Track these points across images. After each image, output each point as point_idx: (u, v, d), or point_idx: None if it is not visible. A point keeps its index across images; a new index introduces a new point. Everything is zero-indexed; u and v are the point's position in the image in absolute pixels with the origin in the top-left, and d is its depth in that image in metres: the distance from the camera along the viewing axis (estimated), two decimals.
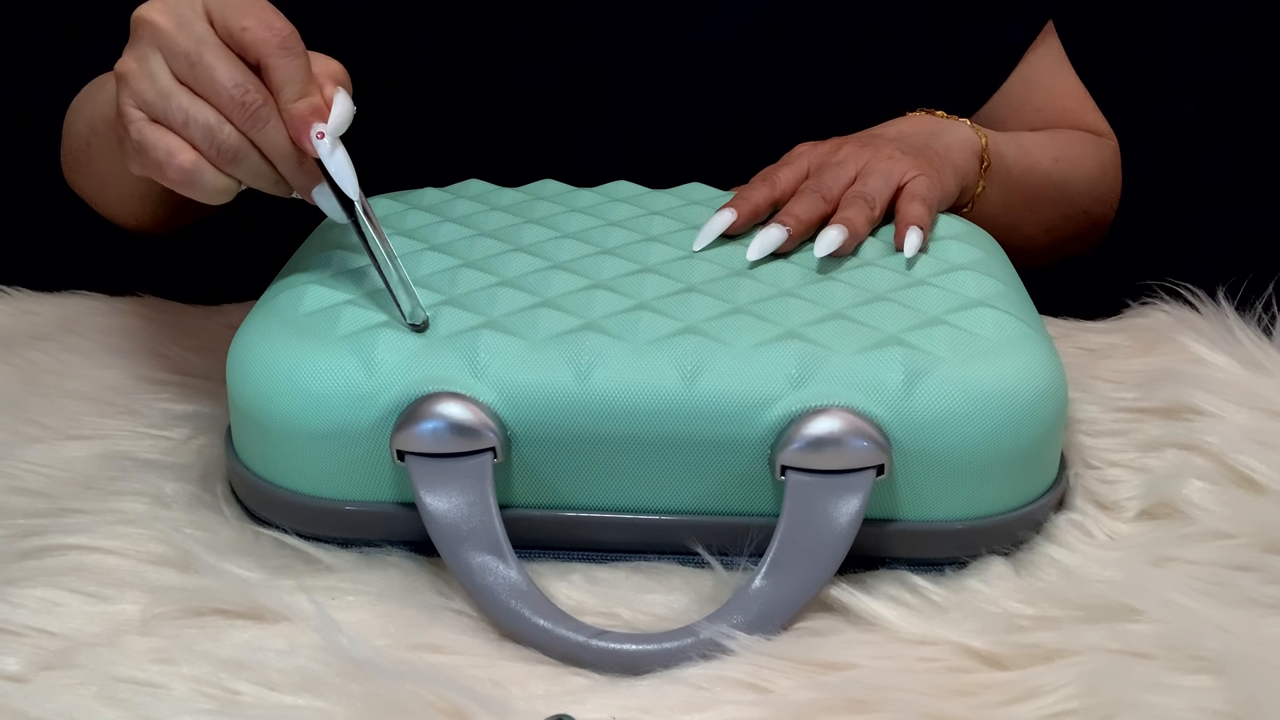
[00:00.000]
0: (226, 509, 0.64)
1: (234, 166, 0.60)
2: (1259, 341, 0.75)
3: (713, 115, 0.88)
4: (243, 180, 0.61)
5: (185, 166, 0.60)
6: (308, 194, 0.62)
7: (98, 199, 0.84)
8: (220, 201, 0.61)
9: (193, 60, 0.59)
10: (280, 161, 0.61)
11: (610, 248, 0.70)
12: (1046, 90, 0.93)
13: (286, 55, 0.60)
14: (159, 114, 0.60)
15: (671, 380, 0.59)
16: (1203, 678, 0.52)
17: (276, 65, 0.60)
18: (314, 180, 0.62)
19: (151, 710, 0.51)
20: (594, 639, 0.54)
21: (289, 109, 0.60)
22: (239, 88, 0.59)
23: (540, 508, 0.60)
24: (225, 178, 0.60)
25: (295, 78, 0.60)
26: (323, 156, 0.60)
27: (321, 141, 0.60)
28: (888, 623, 0.56)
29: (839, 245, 0.69)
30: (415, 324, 0.61)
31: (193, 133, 0.59)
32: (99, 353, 0.79)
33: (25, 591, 0.57)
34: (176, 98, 0.59)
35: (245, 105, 0.59)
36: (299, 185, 0.62)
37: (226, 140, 0.59)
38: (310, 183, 0.62)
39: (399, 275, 0.62)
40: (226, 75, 0.59)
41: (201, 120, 0.59)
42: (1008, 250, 0.75)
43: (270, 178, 0.62)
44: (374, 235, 0.63)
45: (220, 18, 0.60)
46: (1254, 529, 0.62)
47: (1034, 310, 0.67)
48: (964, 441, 0.59)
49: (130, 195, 0.79)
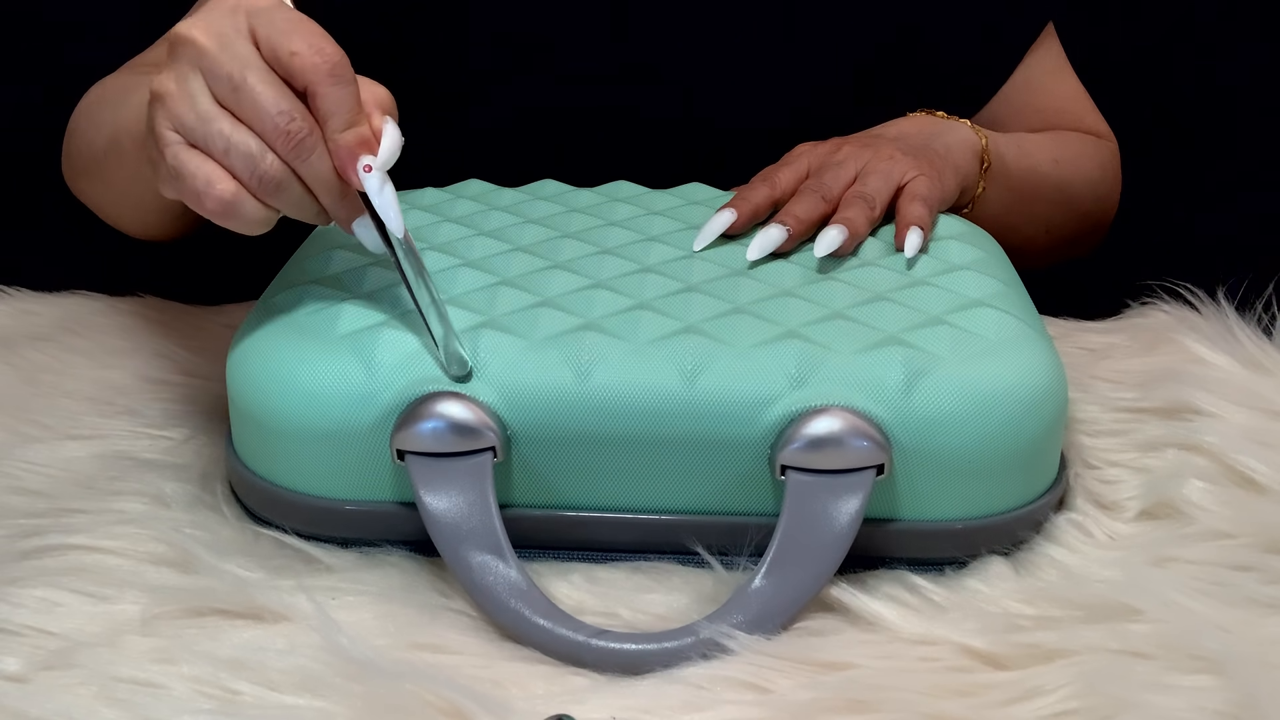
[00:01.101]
0: (226, 509, 0.64)
1: (275, 197, 0.57)
2: (1259, 341, 0.75)
3: (713, 115, 0.88)
4: (282, 210, 0.59)
5: (225, 197, 0.57)
6: (348, 226, 0.60)
7: (108, 208, 0.82)
8: (258, 233, 0.59)
9: (236, 84, 0.56)
10: (323, 193, 0.58)
11: (610, 247, 0.70)
12: (1046, 91, 0.93)
13: (336, 83, 0.57)
14: (198, 139, 0.57)
15: (671, 380, 0.59)
16: (1203, 678, 0.52)
17: (325, 93, 0.57)
18: (356, 213, 0.59)
19: (151, 710, 0.51)
20: (594, 638, 0.54)
21: (336, 139, 0.57)
22: (284, 115, 0.56)
23: (540, 507, 0.60)
24: (265, 209, 0.58)
25: (344, 107, 0.57)
26: (370, 191, 0.58)
27: (369, 175, 0.58)
28: (888, 623, 0.56)
29: (839, 245, 0.69)
30: (457, 376, 0.59)
31: (233, 161, 0.57)
32: (99, 353, 0.79)
33: (25, 591, 0.57)
34: (217, 123, 0.57)
35: (290, 134, 0.56)
36: (340, 217, 0.60)
37: (269, 170, 0.57)
38: (352, 215, 0.60)
39: (440, 319, 0.59)
40: (271, 101, 0.56)
41: (243, 148, 0.56)
42: (1007, 251, 0.75)
43: (312, 209, 0.59)
44: (416, 276, 0.60)
45: (267, 40, 0.57)
46: (1254, 529, 0.62)
47: (1034, 310, 0.67)
48: (964, 441, 0.59)
49: (147, 210, 0.77)
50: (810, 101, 0.88)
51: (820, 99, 0.88)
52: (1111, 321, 0.83)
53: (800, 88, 0.88)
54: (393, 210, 0.58)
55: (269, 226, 0.59)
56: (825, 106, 0.87)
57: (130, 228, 0.83)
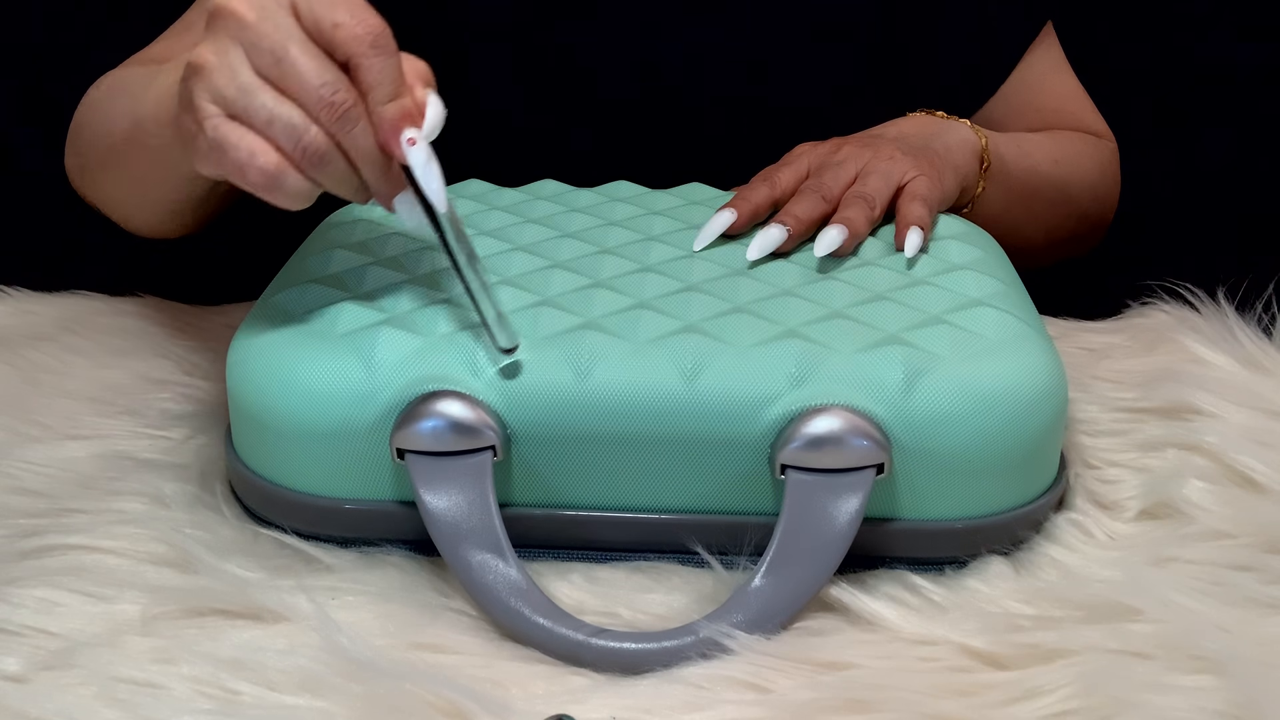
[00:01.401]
0: (226, 509, 0.64)
1: (318, 170, 0.57)
2: (1259, 341, 0.75)
3: (713, 115, 0.88)
4: (324, 185, 0.58)
5: (268, 169, 0.56)
6: (388, 202, 0.59)
7: (120, 203, 0.81)
8: (298, 207, 0.58)
9: (278, 56, 0.55)
10: (366, 166, 0.58)
11: (610, 247, 0.70)
12: (1045, 91, 0.93)
13: (379, 54, 0.56)
14: (239, 111, 0.56)
15: (671, 379, 0.59)
16: (1203, 678, 0.52)
17: (369, 65, 0.56)
18: (397, 187, 0.59)
19: (151, 710, 0.51)
20: (593, 637, 0.54)
21: (379, 111, 0.57)
22: (328, 87, 0.55)
23: (540, 507, 0.60)
24: (308, 182, 0.57)
25: (388, 78, 0.56)
26: (413, 164, 0.57)
27: (414, 148, 0.57)
28: (888, 622, 0.56)
29: (839, 245, 0.69)
30: (506, 349, 0.59)
31: (276, 133, 0.56)
32: (99, 353, 0.79)
33: (25, 591, 0.57)
34: (260, 95, 0.56)
35: (334, 105, 0.56)
36: (381, 193, 0.59)
37: (313, 142, 0.56)
38: (393, 190, 0.59)
39: (487, 295, 0.59)
40: (315, 73, 0.55)
41: (287, 120, 0.56)
42: (1007, 251, 0.75)
43: (353, 183, 0.58)
44: (461, 250, 0.60)
45: (309, 12, 0.56)
46: (1254, 529, 0.62)
47: (1034, 310, 0.67)
48: (964, 441, 0.59)
49: (163, 200, 0.75)
50: (809, 101, 0.88)
51: (820, 98, 0.88)
52: (1111, 321, 0.83)
53: (799, 87, 0.88)
54: (437, 182, 0.58)
55: (310, 201, 0.58)
56: (825, 106, 0.87)
57: (140, 222, 0.81)
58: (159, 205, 0.76)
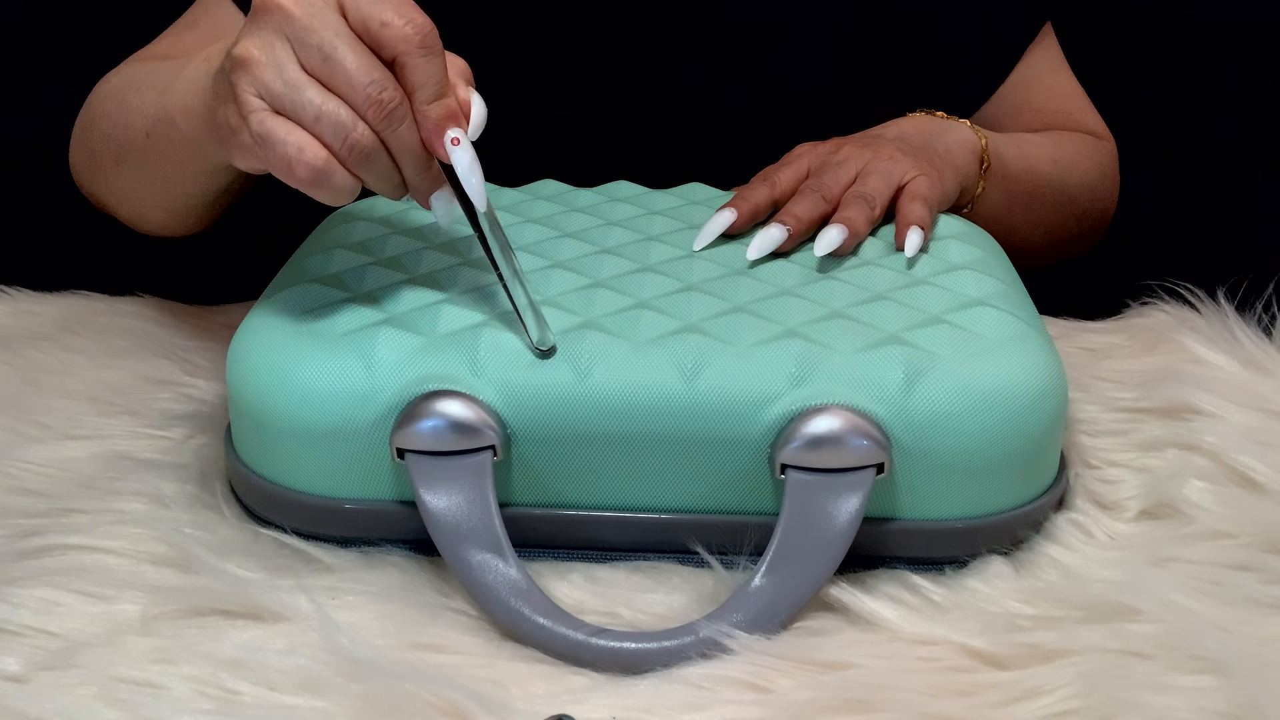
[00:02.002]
0: (226, 509, 0.64)
1: (363, 167, 0.57)
2: (1259, 341, 0.75)
3: (713, 115, 0.88)
4: (367, 182, 0.58)
5: (316, 165, 0.56)
6: (426, 200, 0.60)
7: (133, 200, 0.80)
8: (342, 204, 0.59)
9: (326, 53, 0.56)
10: (408, 164, 0.58)
11: (610, 247, 0.70)
12: (1044, 91, 0.93)
13: (426, 54, 0.57)
14: (285, 106, 0.56)
15: (671, 379, 0.59)
16: (1203, 678, 0.52)
17: (416, 64, 0.57)
18: (436, 185, 0.60)
19: (151, 710, 0.51)
20: (593, 637, 0.54)
21: (424, 110, 0.57)
22: (375, 85, 0.56)
23: (540, 506, 0.60)
24: (353, 179, 0.58)
25: (434, 78, 0.57)
26: (457, 164, 0.58)
27: (458, 147, 0.58)
28: (888, 622, 0.56)
29: (839, 245, 0.69)
30: (542, 349, 0.59)
31: (323, 129, 0.56)
32: (99, 353, 0.79)
33: (25, 591, 0.57)
34: (307, 91, 0.56)
35: (382, 104, 0.56)
36: (420, 189, 0.60)
37: (360, 140, 0.56)
38: (432, 187, 0.60)
39: (525, 294, 0.60)
40: (363, 71, 0.56)
41: (334, 117, 0.56)
42: (1007, 251, 0.75)
43: (394, 180, 0.59)
44: (500, 249, 0.60)
45: (356, 9, 0.57)
46: (1254, 529, 0.62)
47: (1034, 310, 0.67)
48: (964, 441, 0.59)
49: (182, 193, 0.75)
50: (809, 100, 0.88)
51: (819, 98, 0.88)
52: (1111, 321, 0.83)
53: (798, 86, 0.88)
54: (477, 181, 0.58)
55: (353, 198, 0.58)
56: (824, 105, 0.87)
57: (152, 220, 0.80)
58: (176, 200, 0.76)
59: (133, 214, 0.82)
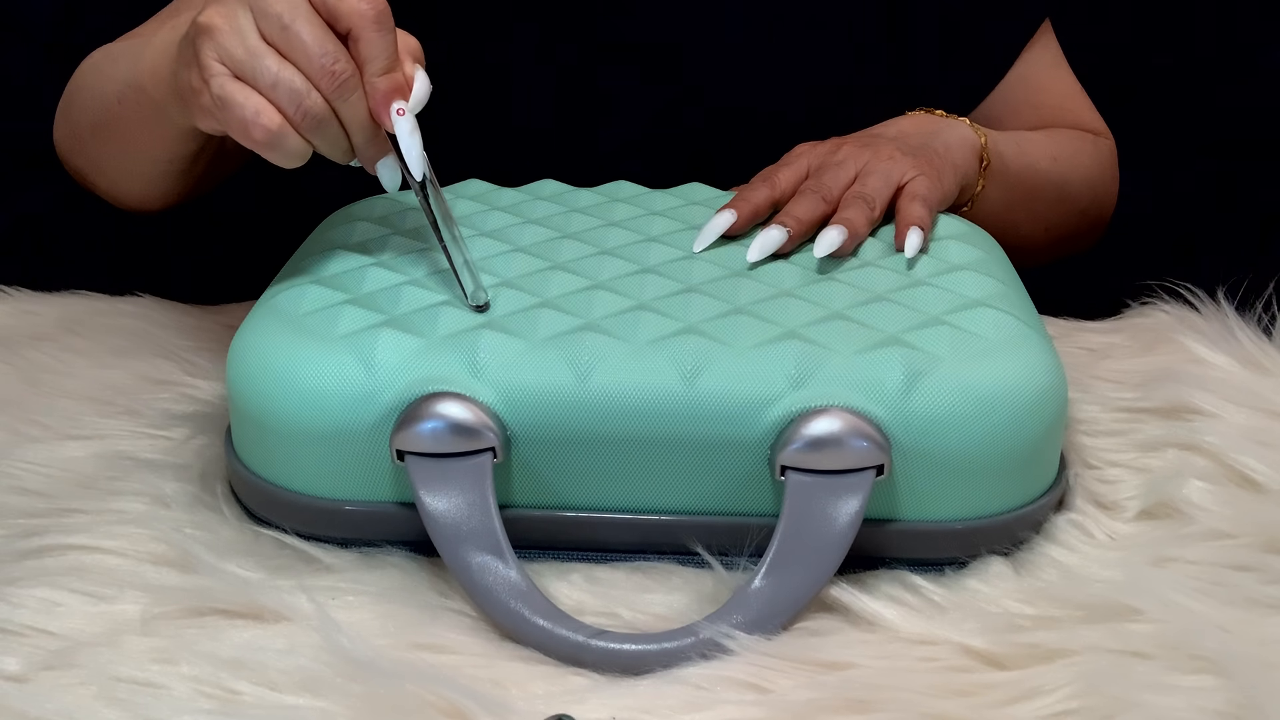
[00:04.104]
0: (226, 509, 0.64)
1: (315, 133, 0.61)
2: (1259, 341, 0.75)
3: (712, 115, 0.88)
4: (318, 147, 0.62)
5: (271, 128, 0.60)
6: (373, 165, 0.63)
7: (108, 170, 0.82)
8: (293, 165, 0.62)
9: (285, 24, 0.59)
10: (356, 132, 0.62)
11: (610, 248, 0.70)
12: (1043, 89, 0.93)
13: (379, 30, 0.60)
14: (245, 72, 0.60)
15: (671, 380, 0.59)
16: (1203, 678, 0.52)
17: (369, 39, 0.60)
18: (382, 152, 0.63)
19: (151, 710, 0.51)
20: (593, 639, 0.54)
21: (373, 83, 0.61)
22: (328, 56, 0.60)
23: (540, 508, 0.60)
24: (304, 143, 0.61)
25: (384, 53, 0.61)
26: (399, 133, 0.62)
27: (401, 118, 0.61)
28: (888, 623, 0.56)
29: (839, 246, 0.69)
30: (477, 305, 0.62)
31: (279, 95, 0.60)
32: (99, 353, 0.79)
33: (25, 591, 0.57)
34: (266, 59, 0.60)
35: (335, 74, 0.60)
36: (367, 156, 0.63)
37: (313, 107, 0.60)
38: (378, 154, 0.63)
39: (462, 254, 0.64)
40: (318, 43, 0.60)
41: (290, 84, 0.60)
42: (1007, 249, 0.75)
43: (343, 147, 0.62)
44: (440, 212, 0.64)
45: None
46: (1254, 529, 0.62)
47: (1034, 310, 0.67)
48: (964, 441, 0.59)
49: (151, 157, 0.77)
50: (807, 99, 0.88)
51: (817, 97, 0.88)
52: (1111, 321, 0.83)
53: (796, 85, 0.88)
54: (417, 151, 0.62)
55: (303, 160, 0.62)
56: (824, 105, 0.87)
57: (127, 189, 0.83)
58: (146, 166, 0.78)
59: (110, 185, 0.84)
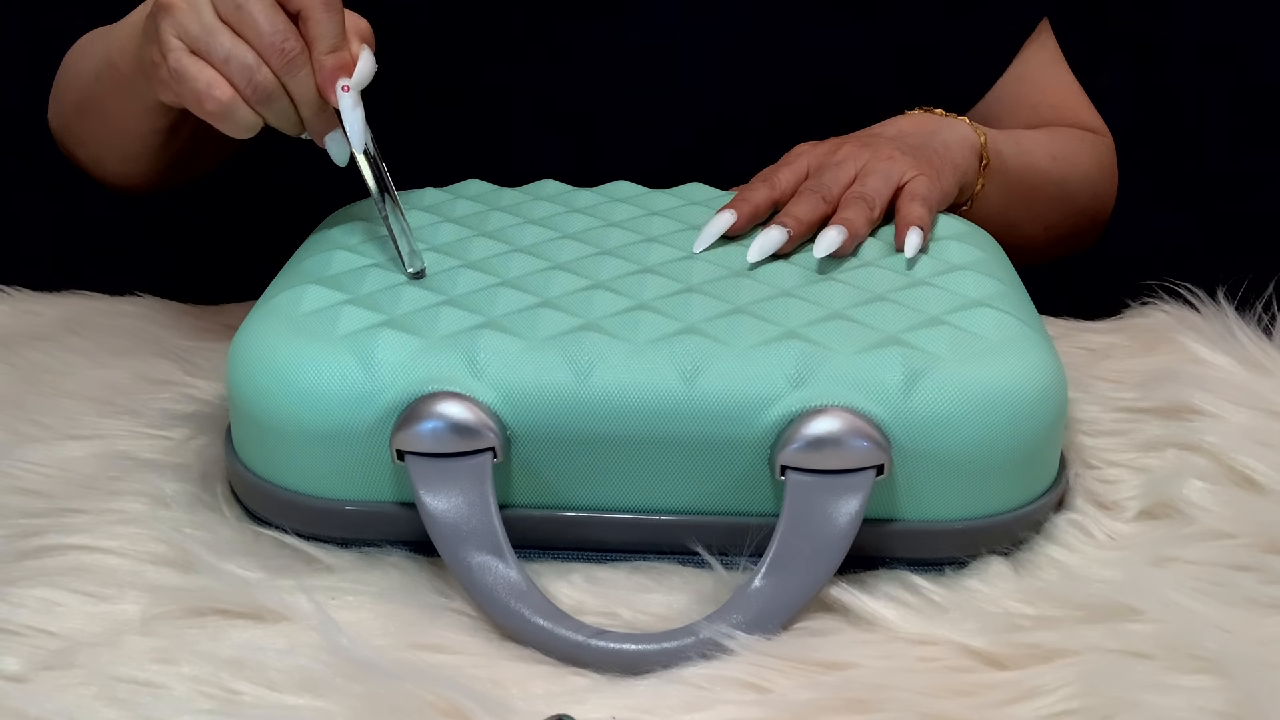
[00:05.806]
0: (226, 509, 0.64)
1: (265, 106, 0.65)
2: (1259, 341, 0.75)
3: (711, 115, 0.88)
4: (268, 120, 0.65)
5: (222, 100, 0.64)
6: (321, 138, 0.67)
7: (93, 146, 0.85)
8: (244, 136, 0.65)
9: (239, 3, 0.63)
10: (304, 106, 0.65)
11: (610, 248, 0.70)
12: (1042, 87, 0.93)
13: (327, 10, 0.64)
14: (200, 47, 0.64)
15: (671, 380, 0.59)
16: (1203, 678, 0.52)
17: (318, 19, 0.64)
18: (330, 127, 0.67)
19: (151, 710, 0.51)
20: (593, 639, 0.54)
21: (321, 60, 0.65)
22: (279, 34, 0.63)
23: (540, 508, 0.60)
24: (255, 115, 0.65)
25: (331, 32, 0.64)
26: (342, 108, 0.65)
27: (345, 95, 0.65)
28: (888, 623, 0.56)
29: (839, 246, 0.69)
30: (414, 270, 0.66)
31: (231, 70, 0.63)
32: (99, 353, 0.79)
33: (25, 591, 0.57)
34: (219, 35, 0.63)
35: (284, 52, 0.64)
36: (316, 130, 0.67)
37: (262, 82, 0.64)
38: (326, 129, 0.67)
39: (401, 223, 0.67)
40: (269, 21, 0.63)
41: (242, 60, 0.63)
42: (1006, 248, 0.75)
43: (292, 120, 0.66)
44: (380, 185, 0.68)
45: None
46: (1254, 529, 0.62)
47: (1034, 310, 0.67)
48: (964, 441, 0.59)
49: (135, 135, 0.80)
50: (806, 99, 0.88)
51: (817, 96, 0.88)
52: (1111, 321, 0.83)
53: (795, 85, 0.88)
54: (358, 126, 0.66)
55: (254, 132, 0.66)
56: (822, 104, 0.87)
57: (110, 166, 0.85)
58: (122, 140, 0.82)
59: (95, 162, 0.87)
